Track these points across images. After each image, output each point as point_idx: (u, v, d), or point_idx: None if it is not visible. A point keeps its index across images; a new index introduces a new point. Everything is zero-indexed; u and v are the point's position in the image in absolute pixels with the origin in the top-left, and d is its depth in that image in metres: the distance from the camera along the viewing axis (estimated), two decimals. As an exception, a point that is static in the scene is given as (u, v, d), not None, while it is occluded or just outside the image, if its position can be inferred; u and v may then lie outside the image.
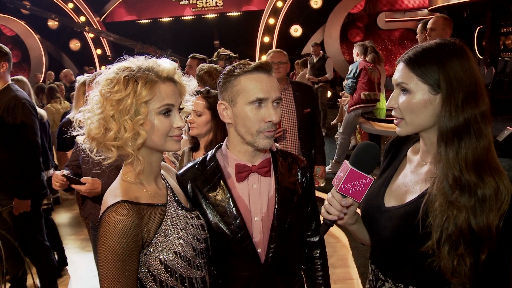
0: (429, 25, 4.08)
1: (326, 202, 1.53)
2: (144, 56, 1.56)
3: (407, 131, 1.49)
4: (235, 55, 6.11)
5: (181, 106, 1.60)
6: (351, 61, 13.45)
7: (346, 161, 1.49)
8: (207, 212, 1.72)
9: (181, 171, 1.83)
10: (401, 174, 1.62)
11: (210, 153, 1.85)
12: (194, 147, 2.82)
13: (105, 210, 1.41)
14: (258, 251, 1.71)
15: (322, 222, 1.58)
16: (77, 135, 1.54)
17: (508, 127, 7.02)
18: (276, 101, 1.68)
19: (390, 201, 1.58)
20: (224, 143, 1.83)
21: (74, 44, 19.22)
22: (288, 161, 1.86)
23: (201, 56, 5.46)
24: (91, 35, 18.67)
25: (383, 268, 1.63)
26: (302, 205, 1.83)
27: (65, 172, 2.96)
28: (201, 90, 2.67)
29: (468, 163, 1.35)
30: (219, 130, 2.65)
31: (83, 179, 2.83)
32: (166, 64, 1.54)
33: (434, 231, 1.36)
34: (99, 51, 18.94)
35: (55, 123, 6.82)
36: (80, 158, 3.13)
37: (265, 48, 16.72)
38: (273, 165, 1.80)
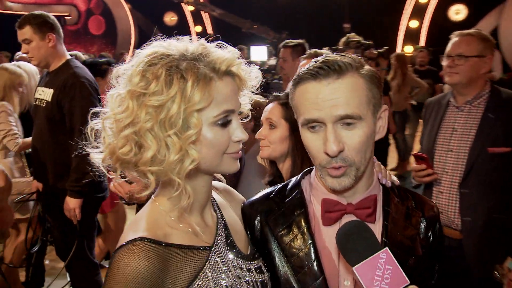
0: None
1: None
2: (176, 37, 1.12)
3: None
4: (369, 42, 4.92)
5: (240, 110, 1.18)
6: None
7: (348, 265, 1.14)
8: (277, 261, 1.32)
9: (251, 199, 1.46)
10: None
11: (294, 180, 1.46)
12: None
13: (118, 248, 1.08)
14: None
15: None
16: (90, 152, 1.14)
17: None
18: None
19: None
20: (314, 168, 1.38)
21: (170, 18, 16.93)
22: (407, 204, 1.37)
23: (296, 42, 4.47)
24: (191, 8, 16.60)
25: None
26: (421, 273, 1.29)
27: None
28: (279, 93, 2.12)
29: None
30: (298, 152, 1.95)
31: None
32: (222, 51, 1.10)
33: None
34: (198, 28, 16.49)
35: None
36: None
37: (410, 35, 13.58)
38: (382, 206, 1.35)
